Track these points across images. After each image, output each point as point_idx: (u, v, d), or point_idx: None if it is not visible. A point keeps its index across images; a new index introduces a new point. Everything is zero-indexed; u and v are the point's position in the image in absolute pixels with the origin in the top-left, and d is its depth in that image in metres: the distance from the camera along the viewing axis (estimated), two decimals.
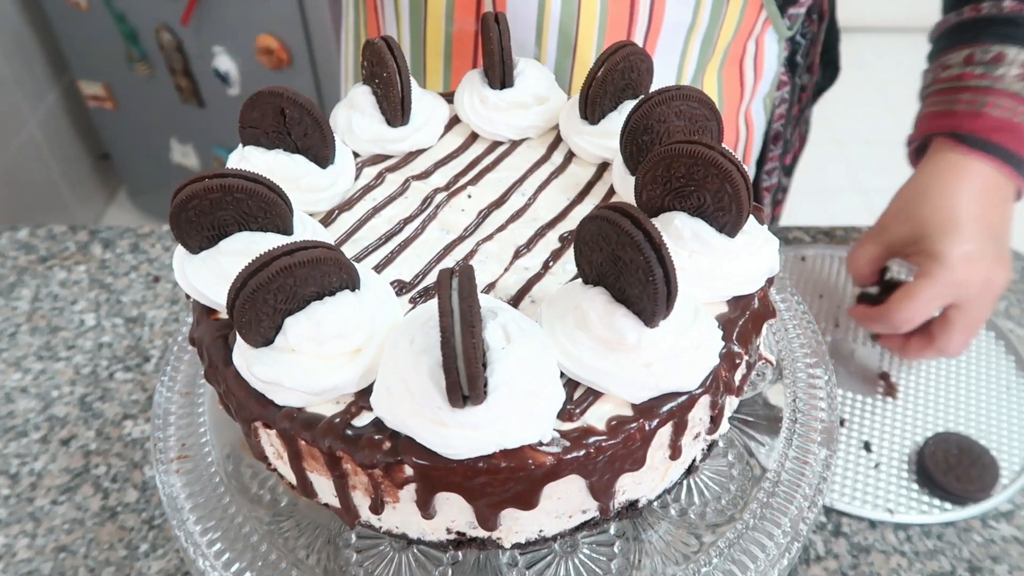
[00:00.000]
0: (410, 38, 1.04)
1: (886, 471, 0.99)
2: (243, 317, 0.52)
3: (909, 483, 0.98)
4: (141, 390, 1.07)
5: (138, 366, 1.10)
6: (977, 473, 0.97)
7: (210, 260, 0.60)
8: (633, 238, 0.51)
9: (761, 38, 1.07)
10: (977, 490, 0.96)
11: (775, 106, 1.18)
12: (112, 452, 1.00)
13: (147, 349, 1.12)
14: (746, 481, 0.67)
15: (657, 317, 0.52)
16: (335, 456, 0.53)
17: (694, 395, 0.55)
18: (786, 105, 1.19)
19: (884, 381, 1.09)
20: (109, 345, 1.13)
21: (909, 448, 1.01)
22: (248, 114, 0.69)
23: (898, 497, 0.97)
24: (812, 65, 1.21)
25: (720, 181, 0.58)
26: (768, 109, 1.18)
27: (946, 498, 0.96)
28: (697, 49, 1.01)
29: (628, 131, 0.67)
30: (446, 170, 0.76)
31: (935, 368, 1.10)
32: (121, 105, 2.85)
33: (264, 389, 0.55)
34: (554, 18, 0.94)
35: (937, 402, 1.06)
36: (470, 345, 0.46)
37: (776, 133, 1.22)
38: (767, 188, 1.30)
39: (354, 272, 0.56)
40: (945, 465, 0.98)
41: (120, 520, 0.93)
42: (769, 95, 1.16)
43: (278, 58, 2.41)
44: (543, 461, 0.51)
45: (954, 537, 0.93)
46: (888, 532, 0.93)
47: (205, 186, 0.56)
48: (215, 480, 0.67)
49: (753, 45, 1.07)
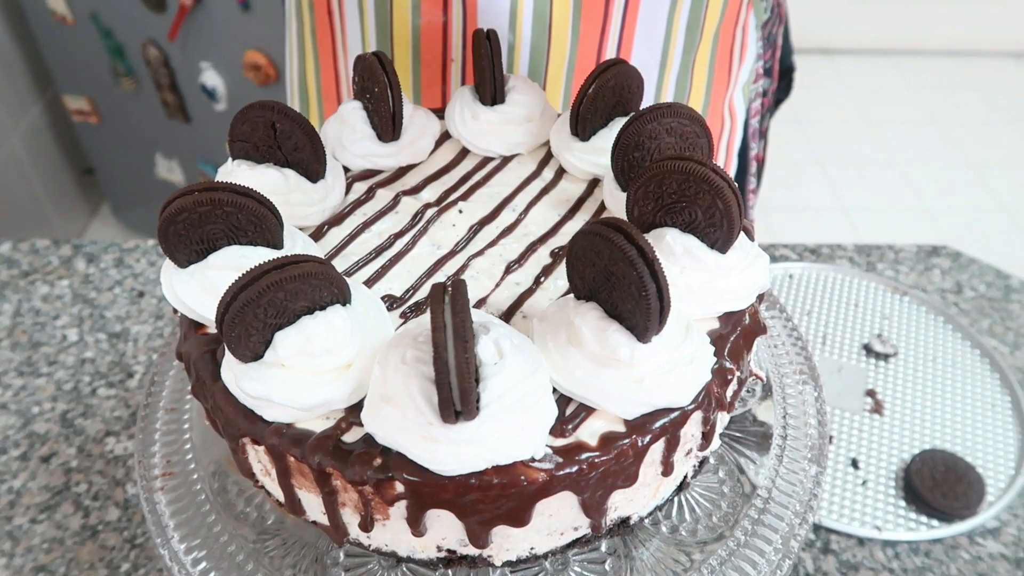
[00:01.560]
0: (376, 32, 1.01)
1: (873, 488, 0.99)
2: (232, 331, 0.51)
3: (896, 500, 0.98)
4: (124, 406, 1.05)
5: (121, 382, 1.09)
6: (963, 490, 0.98)
7: (199, 274, 0.59)
8: (626, 253, 0.51)
9: (746, 23, 1.06)
10: (963, 507, 0.96)
11: (752, 100, 1.18)
12: (94, 469, 0.98)
13: (131, 365, 1.11)
14: (737, 498, 0.67)
15: (650, 333, 0.52)
16: (325, 473, 0.52)
17: (686, 411, 0.55)
18: (759, 100, 1.19)
19: (871, 398, 1.09)
20: (92, 361, 1.11)
21: (896, 465, 1.02)
22: (238, 127, 0.68)
23: (886, 514, 0.97)
24: (771, 69, 1.20)
25: (711, 197, 0.58)
26: (747, 99, 1.17)
27: (933, 515, 0.96)
28: (683, 33, 0.99)
29: (619, 147, 0.67)
30: (437, 185, 0.76)
31: (921, 386, 1.11)
32: (106, 120, 2.82)
33: (253, 405, 0.54)
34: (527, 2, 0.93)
35: (923, 419, 1.07)
36: (463, 360, 0.46)
37: (754, 130, 1.21)
38: (752, 190, 1.30)
39: (345, 287, 0.56)
40: (932, 482, 0.98)
41: (101, 539, 0.91)
42: (747, 84, 1.15)
43: (265, 74, 2.40)
44: (535, 477, 0.51)
45: (942, 554, 0.93)
46: (876, 549, 0.93)
47: (194, 199, 0.56)
48: (200, 498, 0.66)
49: (740, 32, 1.06)
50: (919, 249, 1.33)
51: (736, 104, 1.15)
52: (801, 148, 3.56)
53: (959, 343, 1.16)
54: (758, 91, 1.18)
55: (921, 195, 3.26)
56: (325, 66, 1.11)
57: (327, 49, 1.08)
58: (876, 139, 3.60)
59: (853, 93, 3.92)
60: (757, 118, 1.21)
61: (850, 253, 1.32)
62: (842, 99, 3.88)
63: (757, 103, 1.19)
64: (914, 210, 3.19)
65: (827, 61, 4.11)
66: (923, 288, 1.26)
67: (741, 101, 1.16)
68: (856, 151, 3.53)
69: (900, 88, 3.95)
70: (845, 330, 1.18)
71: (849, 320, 1.19)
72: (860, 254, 1.32)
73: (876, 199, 3.22)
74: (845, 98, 3.88)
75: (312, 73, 1.14)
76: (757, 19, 1.09)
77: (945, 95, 3.88)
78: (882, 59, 4.14)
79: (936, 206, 3.21)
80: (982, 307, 1.23)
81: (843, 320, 1.19)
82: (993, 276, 1.28)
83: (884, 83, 3.98)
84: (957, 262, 1.31)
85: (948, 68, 4.06)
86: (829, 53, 4.14)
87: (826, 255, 1.32)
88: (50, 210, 2.99)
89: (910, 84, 3.97)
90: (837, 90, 3.94)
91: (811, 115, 3.66)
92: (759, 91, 1.18)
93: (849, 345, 1.16)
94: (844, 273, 1.27)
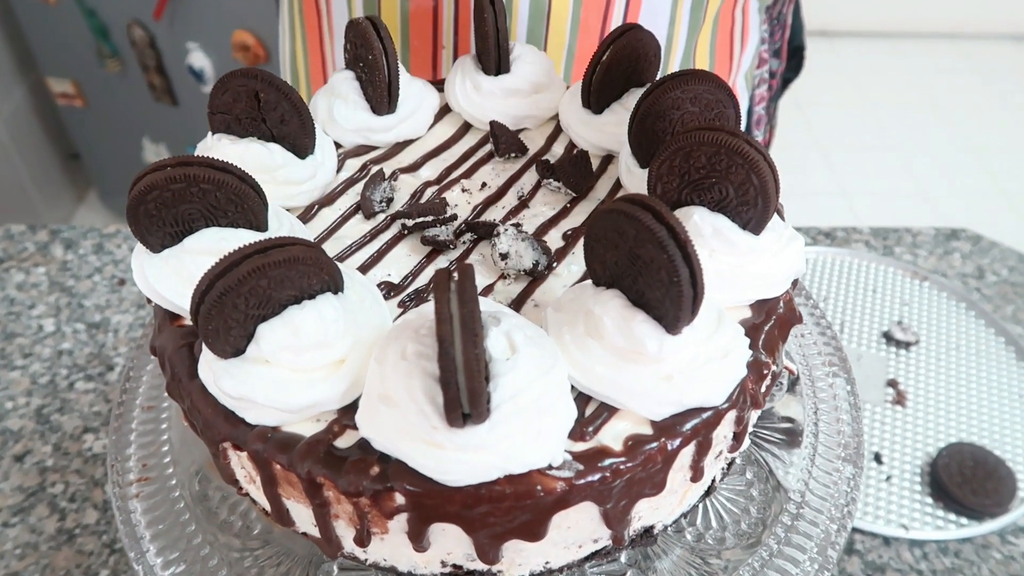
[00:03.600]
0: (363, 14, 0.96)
1: (898, 484, 0.94)
2: (209, 324, 0.45)
3: (923, 497, 0.93)
4: (104, 401, 0.99)
5: (100, 375, 1.02)
6: (994, 486, 0.93)
7: (173, 259, 0.53)
8: (655, 234, 0.45)
9: (746, 6, 1.02)
10: (994, 504, 0.91)
11: (755, 86, 1.13)
12: (71, 469, 0.92)
13: (111, 357, 1.05)
14: (767, 502, 0.62)
15: (681, 323, 0.46)
16: (315, 482, 0.46)
17: (720, 410, 0.49)
18: (766, 86, 1.14)
19: (893, 388, 1.04)
20: (69, 352, 1.05)
21: (921, 460, 0.96)
22: (219, 97, 0.62)
23: (911, 512, 0.91)
24: (780, 50, 1.15)
25: (746, 172, 0.52)
26: (749, 86, 1.12)
27: (962, 512, 0.91)
28: (687, 14, 0.94)
29: (638, 118, 0.61)
30: (436, 162, 0.70)
31: (945, 375, 1.05)
32: (91, 103, 2.75)
33: (234, 406, 0.48)
34: None
35: (948, 411, 1.01)
36: (472, 356, 0.40)
37: (759, 117, 1.16)
38: None
39: (336, 272, 0.50)
40: (960, 478, 0.93)
41: (78, 544, 0.85)
42: (750, 71, 1.10)
43: (255, 54, 2.34)
44: (553, 487, 0.45)
45: (972, 554, 0.88)
46: (903, 549, 0.88)
47: (167, 175, 0.50)
48: (179, 505, 0.60)
49: (740, 14, 1.01)
50: (937, 232, 1.28)
51: (739, 91, 1.10)
52: (800, 132, 3.50)
53: (983, 330, 1.11)
54: (763, 76, 1.13)
55: (921, 179, 3.21)
56: (312, 47, 1.05)
57: (313, 29, 1.03)
58: (876, 123, 3.54)
59: (853, 76, 3.86)
60: (762, 104, 1.15)
61: (866, 236, 1.26)
62: (842, 82, 3.81)
63: (762, 89, 1.14)
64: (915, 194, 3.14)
65: (827, 44, 4.04)
66: (943, 273, 1.20)
67: (744, 88, 1.11)
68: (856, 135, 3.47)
69: (901, 71, 3.89)
70: (864, 317, 1.12)
71: (868, 307, 1.14)
72: (876, 237, 1.26)
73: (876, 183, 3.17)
74: (845, 81, 3.82)
75: (301, 54, 1.09)
76: (760, 2, 1.03)
77: (946, 78, 3.82)
78: (883, 42, 4.08)
79: (936, 190, 3.15)
80: (1005, 292, 1.18)
81: (861, 307, 1.14)
82: (1016, 260, 1.22)
83: (885, 66, 3.92)
84: (978, 245, 1.26)
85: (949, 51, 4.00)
86: (829, 36, 4.08)
87: (841, 239, 1.26)
88: (36, 196, 2.93)
89: (911, 67, 3.91)
90: (837, 73, 3.88)
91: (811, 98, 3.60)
92: (764, 76, 1.13)
93: (868, 333, 1.10)
94: (861, 258, 1.21)
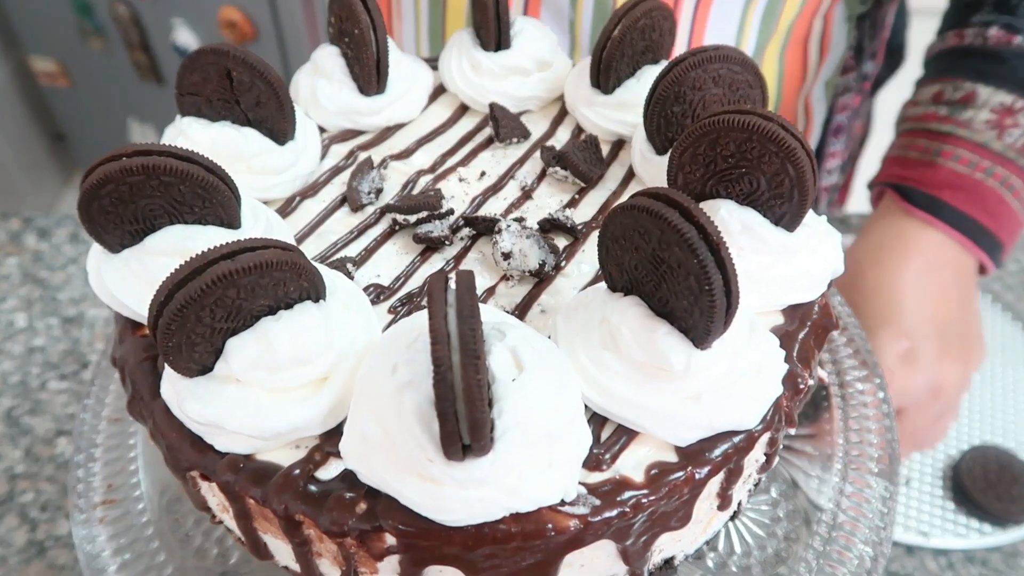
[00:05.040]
0: None
1: (918, 488, 0.89)
2: (170, 340, 0.39)
3: (944, 502, 0.88)
4: (78, 402, 0.93)
5: (75, 374, 0.97)
6: (1020, 492, 0.88)
7: (134, 261, 0.47)
8: (683, 235, 0.39)
9: (829, 14, 0.94)
10: (1020, 511, 0.86)
11: (838, 94, 1.06)
12: (42, 476, 0.87)
13: (86, 354, 0.99)
14: (796, 523, 0.56)
15: (712, 336, 0.41)
16: (293, 520, 0.41)
17: (753, 434, 0.43)
18: (851, 94, 1.06)
19: None
20: (42, 349, 0.99)
21: (943, 463, 0.91)
22: (187, 77, 0.56)
23: (932, 518, 0.86)
24: (877, 52, 1.08)
25: (780, 161, 0.46)
26: (829, 96, 1.05)
27: (985, 519, 0.86)
28: (757, 23, 0.88)
29: (655, 100, 0.55)
30: (431, 148, 0.64)
31: None
32: (76, 83, 2.69)
33: (201, 431, 0.42)
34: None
35: (971, 411, 0.96)
36: (474, 382, 0.34)
37: (839, 126, 1.08)
38: (825, 188, 1.18)
39: (317, 278, 0.44)
40: (984, 483, 0.88)
41: (49, 557, 0.80)
42: (832, 80, 1.03)
43: (242, 32, 2.27)
44: (566, 526, 0.39)
45: (1000, 563, 0.83)
46: (928, 559, 0.83)
47: (122, 166, 0.44)
48: (148, 532, 0.55)
49: (820, 22, 0.94)
50: None
51: (815, 101, 1.03)
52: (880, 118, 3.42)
53: (1008, 324, 1.05)
54: (848, 84, 1.05)
55: None
56: None
57: None
58: None
59: None
60: (845, 114, 1.07)
61: None
62: None
63: (847, 97, 1.06)
64: None
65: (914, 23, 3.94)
66: None
67: (822, 98, 1.04)
68: None
69: None
70: None
71: None
72: None
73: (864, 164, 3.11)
74: None
75: None
76: (850, 10, 0.96)
77: None
78: None
79: None
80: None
81: None
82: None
83: None
84: None
85: None
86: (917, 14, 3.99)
87: (856, 225, 1.20)
88: (20, 179, 2.85)
89: None
90: None
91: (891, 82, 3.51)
92: (850, 83, 1.05)
93: None
94: None
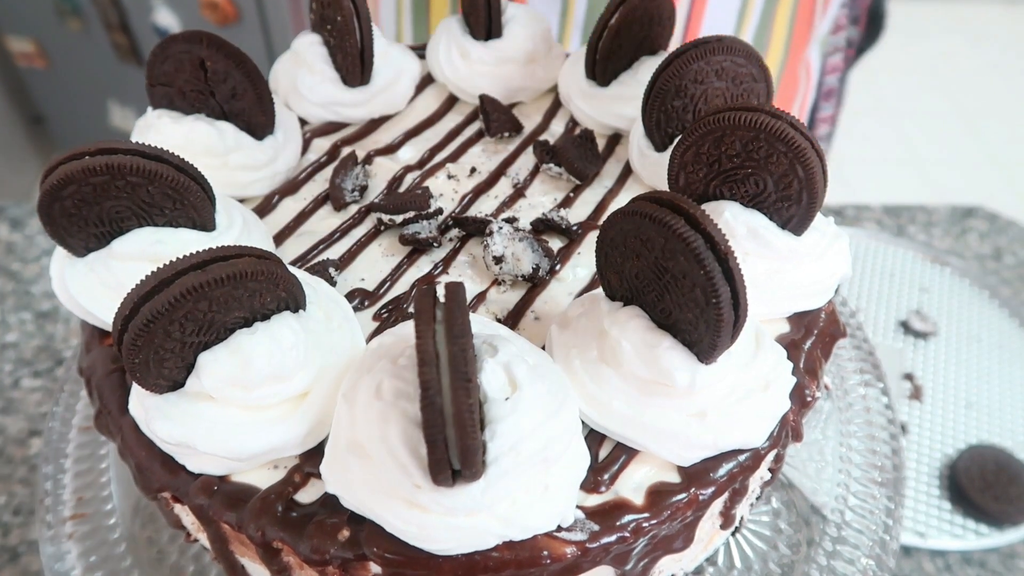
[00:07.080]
0: None
1: (914, 487, 0.87)
2: (136, 357, 0.36)
3: (940, 502, 0.86)
4: (52, 400, 0.90)
5: (49, 371, 0.93)
6: (1018, 492, 0.86)
7: (99, 266, 0.44)
8: (689, 244, 0.36)
9: None
10: (1018, 512, 0.85)
11: (828, 54, 1.02)
12: (15, 478, 0.84)
13: (61, 351, 0.95)
14: (798, 535, 0.54)
15: (718, 351, 0.38)
16: (271, 547, 0.38)
17: (760, 452, 0.41)
18: (841, 55, 1.03)
19: (910, 382, 0.97)
20: (15, 346, 0.96)
21: (939, 462, 0.90)
22: (158, 67, 0.52)
23: (928, 518, 0.85)
24: (859, 17, 1.05)
25: (789, 162, 0.44)
26: (823, 54, 1.02)
27: (982, 519, 0.85)
28: None
29: (655, 94, 0.52)
30: (418, 143, 0.61)
31: (965, 369, 0.98)
32: (54, 64, 2.63)
33: (171, 451, 0.39)
34: None
35: (969, 410, 0.94)
36: (464, 407, 0.32)
37: (829, 89, 1.05)
38: None
39: (296, 287, 0.41)
40: (981, 483, 0.87)
41: (23, 563, 0.77)
42: (825, 37, 1.00)
43: (224, 13, 2.22)
44: (563, 553, 0.37)
45: (998, 564, 0.81)
46: (925, 560, 0.81)
47: (85, 166, 0.40)
48: (120, 549, 0.52)
49: None
50: (953, 211, 1.20)
51: (812, 60, 1.00)
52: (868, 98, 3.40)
53: (1005, 321, 1.04)
54: (838, 44, 1.02)
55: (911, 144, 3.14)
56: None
57: None
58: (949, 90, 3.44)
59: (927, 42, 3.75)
60: (835, 76, 1.04)
61: (878, 215, 1.18)
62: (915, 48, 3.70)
63: (836, 58, 1.03)
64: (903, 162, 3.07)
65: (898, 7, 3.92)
66: (959, 254, 1.13)
67: (817, 57, 1.01)
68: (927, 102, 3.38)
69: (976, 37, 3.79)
70: (880, 304, 1.05)
71: (884, 293, 1.06)
72: (889, 216, 1.18)
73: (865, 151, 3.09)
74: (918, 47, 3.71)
75: None
76: None
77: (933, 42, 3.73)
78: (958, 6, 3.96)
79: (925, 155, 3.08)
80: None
81: (877, 293, 1.06)
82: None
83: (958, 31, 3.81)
84: (994, 225, 1.18)
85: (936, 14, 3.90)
86: None
87: (852, 217, 1.18)
88: None
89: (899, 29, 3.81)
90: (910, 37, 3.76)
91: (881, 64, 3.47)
92: (839, 44, 1.02)
93: (885, 322, 1.03)
94: (874, 238, 1.13)
